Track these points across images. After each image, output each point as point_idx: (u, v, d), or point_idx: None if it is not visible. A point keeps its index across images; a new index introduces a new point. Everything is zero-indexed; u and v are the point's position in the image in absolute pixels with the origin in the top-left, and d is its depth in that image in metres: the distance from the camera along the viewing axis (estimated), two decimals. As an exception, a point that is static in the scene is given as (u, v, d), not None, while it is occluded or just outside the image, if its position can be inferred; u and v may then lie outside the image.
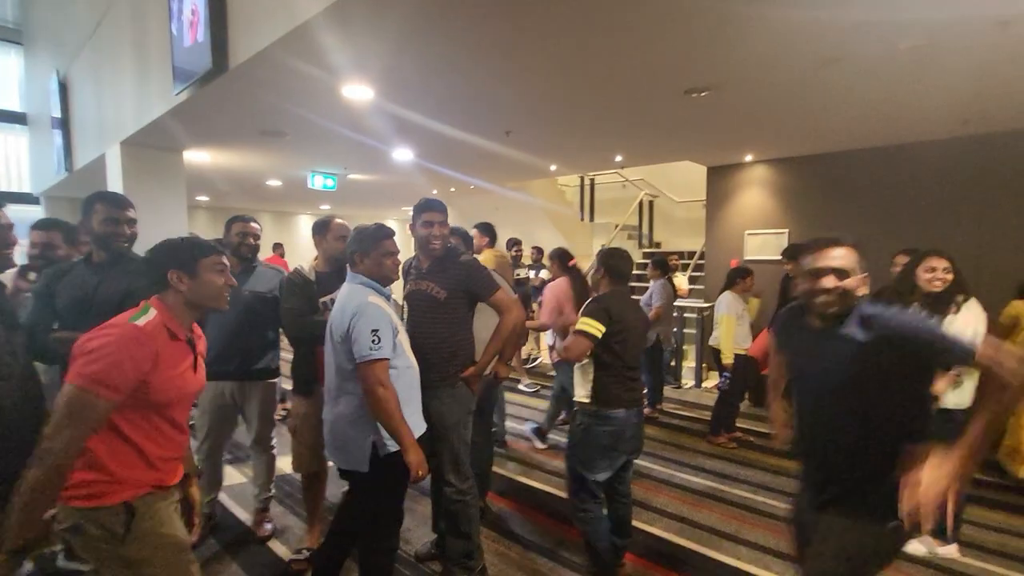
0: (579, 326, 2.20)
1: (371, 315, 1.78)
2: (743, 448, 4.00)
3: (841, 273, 1.40)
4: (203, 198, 9.73)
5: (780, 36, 2.55)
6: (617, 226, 8.56)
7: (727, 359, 3.97)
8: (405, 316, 2.40)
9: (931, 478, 1.22)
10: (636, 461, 3.71)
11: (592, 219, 8.82)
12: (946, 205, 4.62)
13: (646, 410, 4.60)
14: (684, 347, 6.20)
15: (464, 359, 2.28)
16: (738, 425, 4.24)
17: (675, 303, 5.33)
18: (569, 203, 9.28)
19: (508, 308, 2.28)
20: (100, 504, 1.30)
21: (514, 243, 5.93)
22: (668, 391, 5.36)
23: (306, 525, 2.65)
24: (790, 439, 1.68)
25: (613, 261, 2.34)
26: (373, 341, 1.74)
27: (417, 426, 1.97)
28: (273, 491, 2.84)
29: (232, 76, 3.04)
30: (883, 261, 3.67)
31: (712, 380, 5.82)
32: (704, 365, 5.86)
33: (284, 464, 3.03)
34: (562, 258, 3.80)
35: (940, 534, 2.60)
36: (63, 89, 6.30)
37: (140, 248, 2.11)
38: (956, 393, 2.45)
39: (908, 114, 3.88)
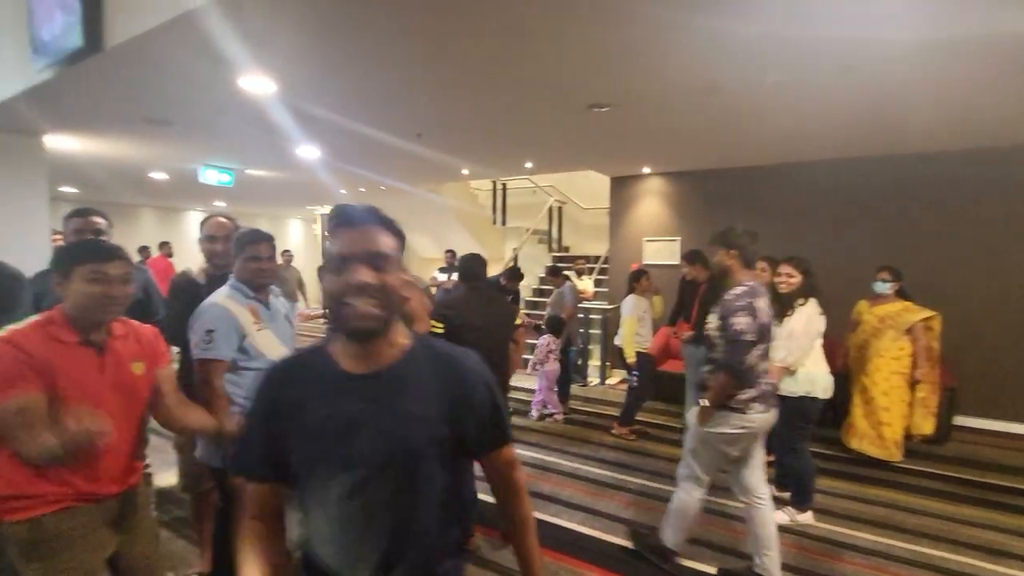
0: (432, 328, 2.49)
1: (209, 316, 1.83)
2: (642, 439, 4.30)
3: (378, 260, 0.90)
4: (70, 190, 8.57)
5: (672, 62, 2.80)
6: (528, 230, 8.79)
7: (629, 358, 4.26)
8: None
9: None
10: (545, 457, 3.89)
11: (504, 223, 8.99)
12: (810, 218, 5.31)
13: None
14: (590, 347, 6.52)
15: None
16: (637, 418, 4.55)
17: (580, 305, 5.60)
18: (482, 207, 9.38)
19: (419, 318, 2.33)
20: (13, 519, 1.28)
21: (451, 254, 5.99)
22: (575, 389, 5.61)
23: (196, 548, 2.46)
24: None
25: (462, 263, 2.72)
26: (205, 341, 1.79)
27: None
28: (154, 514, 2.60)
29: (108, 57, 2.74)
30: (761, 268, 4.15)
31: (616, 377, 6.19)
32: (608, 363, 6.21)
33: (163, 482, 2.80)
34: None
35: (797, 503, 3.00)
36: None
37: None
38: (791, 381, 2.88)
39: (780, 139, 4.42)
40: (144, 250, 8.03)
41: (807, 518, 2.97)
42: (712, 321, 2.32)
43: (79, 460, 1.31)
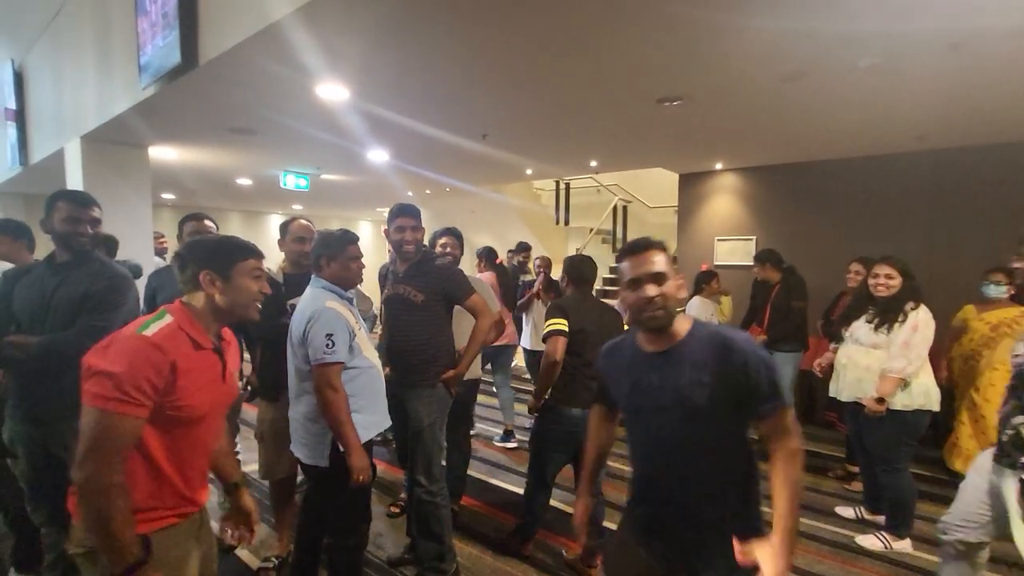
0: (546, 329, 2.37)
1: (326, 320, 1.83)
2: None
3: (659, 278, 1.26)
4: (169, 196, 9.43)
5: (748, 50, 2.64)
6: (592, 230, 8.66)
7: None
8: (383, 320, 2.42)
9: (777, 569, 1.12)
10: (611, 463, 3.78)
11: (567, 223, 8.90)
12: (903, 215, 4.84)
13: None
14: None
15: (444, 361, 2.31)
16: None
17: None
18: (544, 207, 9.34)
19: (482, 312, 2.31)
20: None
21: (522, 248, 5.29)
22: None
23: (275, 532, 2.60)
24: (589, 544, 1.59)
25: (573, 267, 2.56)
26: (327, 345, 1.79)
27: (379, 424, 2.03)
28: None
29: (201, 72, 2.97)
30: (844, 269, 3.84)
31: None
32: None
33: (250, 471, 2.97)
34: (489, 256, 4.30)
35: (894, 529, 2.72)
36: (19, 79, 6.03)
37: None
38: (905, 394, 2.59)
39: (869, 128, 4.05)
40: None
41: (904, 546, 2.70)
42: (1021, 352, 1.81)
43: (185, 474, 1.25)
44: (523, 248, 5.25)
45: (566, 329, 2.33)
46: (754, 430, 1.32)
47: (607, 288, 7.92)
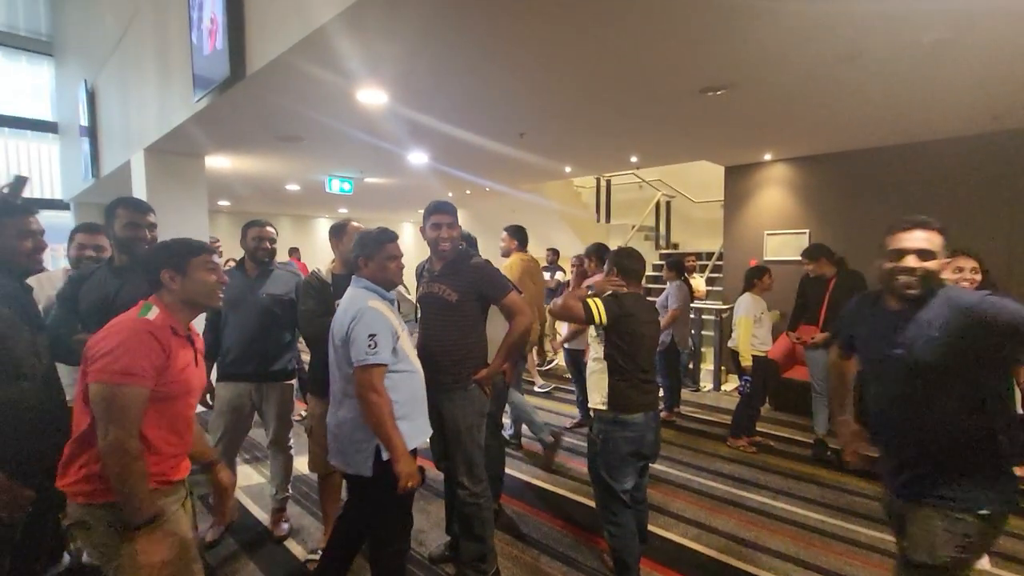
0: (587, 300, 2.22)
1: (369, 320, 1.77)
2: (763, 452, 3.92)
3: (925, 254, 1.41)
4: (224, 203, 9.93)
5: (795, 32, 2.50)
6: (634, 227, 8.49)
7: (745, 361, 3.90)
8: (418, 318, 2.41)
9: None
10: (653, 465, 3.67)
11: (608, 220, 8.75)
12: (974, 204, 4.47)
13: (663, 413, 4.54)
14: (702, 349, 6.11)
15: (477, 361, 2.27)
16: (758, 429, 4.16)
17: (692, 305, 5.24)
18: (585, 205, 9.23)
19: (519, 311, 2.26)
20: (106, 500, 1.32)
21: (553, 253, 5.81)
22: (686, 394, 5.29)
23: (322, 525, 2.67)
24: (862, 461, 1.73)
25: (625, 261, 2.33)
26: (369, 346, 1.73)
27: (422, 431, 1.97)
28: (290, 491, 2.88)
29: (249, 82, 3.10)
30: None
31: (731, 383, 5.73)
32: (723, 368, 5.77)
33: (301, 464, 3.06)
34: (599, 253, 3.90)
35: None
36: (91, 98, 6.50)
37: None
38: None
39: (931, 110, 3.77)
40: (294, 251, 8.71)
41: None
42: None
43: (170, 447, 1.43)
44: (553, 252, 5.49)
45: (599, 320, 2.19)
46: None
47: (650, 286, 7.74)
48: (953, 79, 3.13)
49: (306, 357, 2.70)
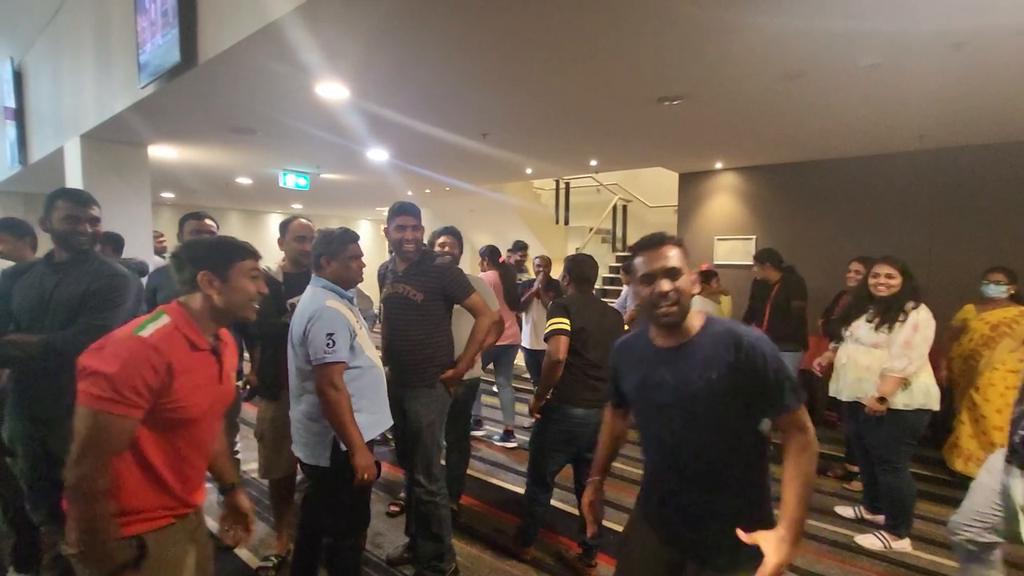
0: (548, 328, 2.35)
1: (327, 319, 1.81)
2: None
3: (674, 272, 1.25)
4: (168, 195, 9.42)
5: (745, 50, 2.64)
6: (591, 229, 8.65)
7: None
8: (381, 319, 2.41)
9: (781, 557, 1.13)
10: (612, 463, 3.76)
11: (567, 222, 8.89)
12: (902, 215, 4.84)
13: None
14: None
15: (442, 361, 2.30)
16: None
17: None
18: (544, 206, 9.34)
19: (481, 312, 2.31)
20: (124, 535, 1.17)
21: (519, 247, 4.98)
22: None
23: (274, 532, 2.60)
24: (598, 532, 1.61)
25: (575, 266, 2.52)
26: (327, 345, 1.78)
27: (381, 423, 2.02)
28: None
29: (201, 71, 2.96)
30: (844, 268, 3.84)
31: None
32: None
33: (250, 469, 2.96)
34: (492, 254, 4.30)
35: (893, 528, 2.73)
36: (18, 78, 6.02)
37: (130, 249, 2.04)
38: (905, 394, 2.60)
39: (869, 127, 4.05)
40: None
41: (904, 545, 2.70)
42: None
43: (182, 475, 1.26)
44: (520, 247, 4.97)
45: (568, 328, 2.32)
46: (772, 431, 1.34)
47: (607, 288, 7.92)
48: (885, 100, 3.38)
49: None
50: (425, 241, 2.55)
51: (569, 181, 8.73)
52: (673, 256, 1.26)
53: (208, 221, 2.61)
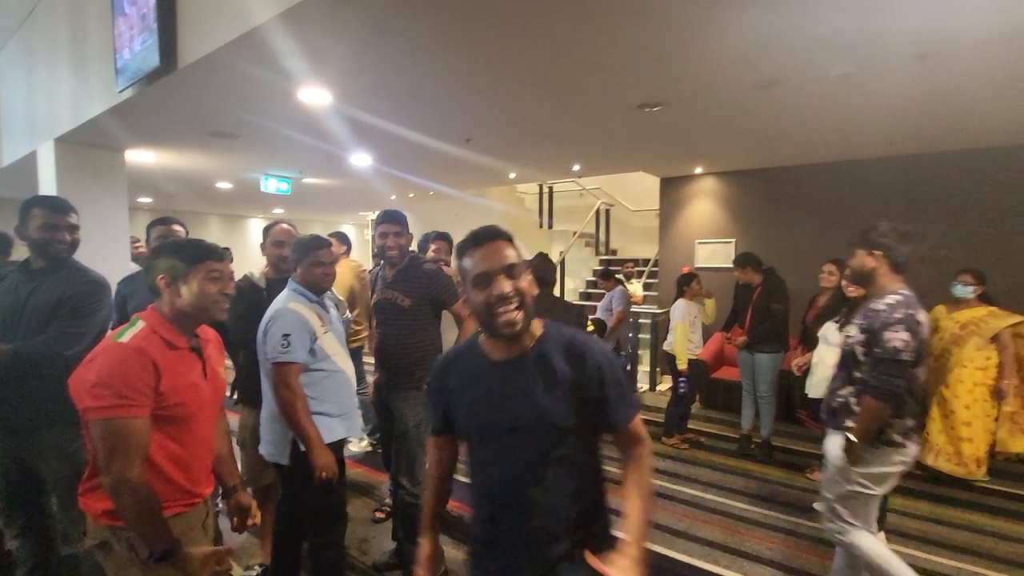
0: None
1: (284, 320, 1.87)
2: (694, 448, 4.16)
3: (513, 270, 1.06)
4: (145, 199, 9.24)
5: (722, 58, 2.70)
6: (575, 233, 8.73)
7: (682, 364, 4.13)
8: (374, 325, 2.45)
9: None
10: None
11: (551, 226, 8.96)
12: (875, 217, 4.96)
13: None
14: (639, 352, 6.38)
15: (430, 365, 2.32)
16: (689, 426, 4.40)
17: (630, 309, 5.48)
18: (528, 210, 9.39)
19: (467, 317, 2.34)
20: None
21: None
22: (624, 395, 5.50)
23: (258, 540, 2.57)
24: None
25: (536, 268, 2.54)
26: (283, 344, 1.83)
27: (346, 428, 2.04)
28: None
29: (181, 76, 2.93)
30: (819, 271, 3.94)
31: (666, 384, 6.02)
32: (658, 369, 6.05)
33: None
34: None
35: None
36: (-12, 80, 5.87)
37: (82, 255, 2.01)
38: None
39: (841, 134, 4.18)
40: (226, 252, 8.41)
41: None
42: (853, 334, 2.01)
43: (187, 468, 1.34)
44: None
45: None
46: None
47: (591, 291, 7.99)
48: (856, 108, 3.49)
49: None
50: (415, 246, 2.59)
51: (552, 185, 8.80)
52: (511, 252, 1.07)
53: (176, 227, 2.55)
